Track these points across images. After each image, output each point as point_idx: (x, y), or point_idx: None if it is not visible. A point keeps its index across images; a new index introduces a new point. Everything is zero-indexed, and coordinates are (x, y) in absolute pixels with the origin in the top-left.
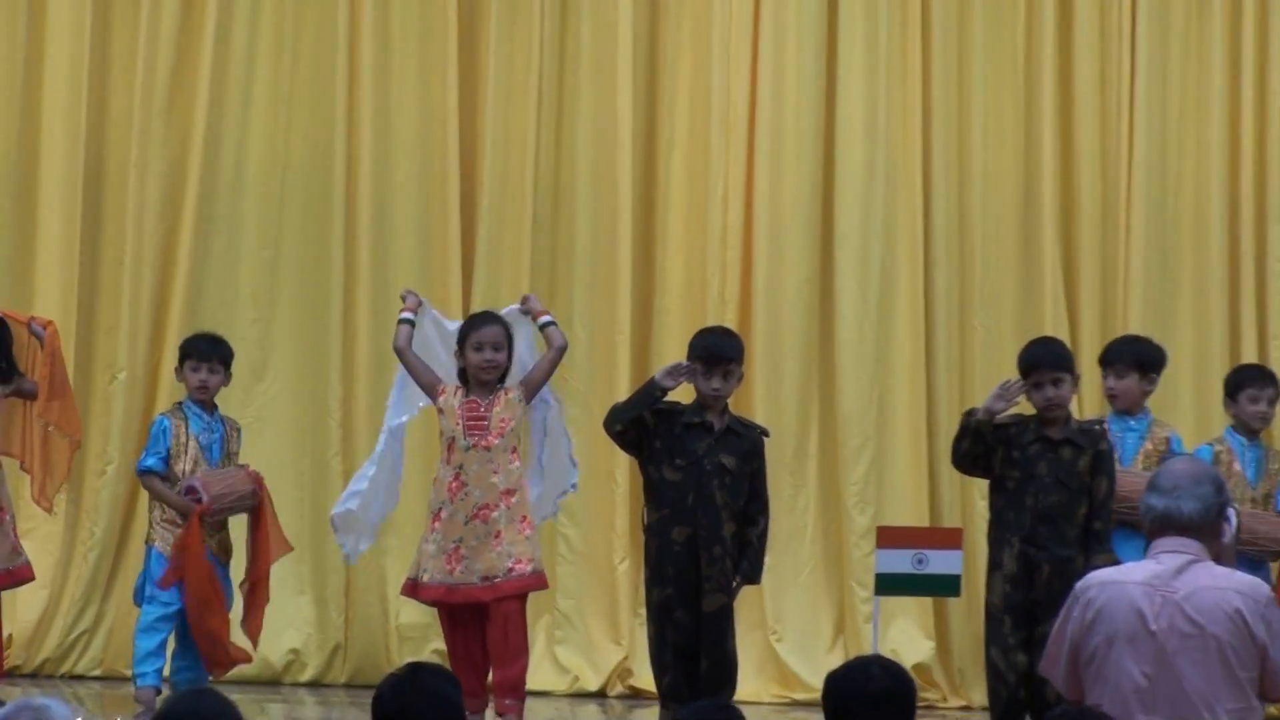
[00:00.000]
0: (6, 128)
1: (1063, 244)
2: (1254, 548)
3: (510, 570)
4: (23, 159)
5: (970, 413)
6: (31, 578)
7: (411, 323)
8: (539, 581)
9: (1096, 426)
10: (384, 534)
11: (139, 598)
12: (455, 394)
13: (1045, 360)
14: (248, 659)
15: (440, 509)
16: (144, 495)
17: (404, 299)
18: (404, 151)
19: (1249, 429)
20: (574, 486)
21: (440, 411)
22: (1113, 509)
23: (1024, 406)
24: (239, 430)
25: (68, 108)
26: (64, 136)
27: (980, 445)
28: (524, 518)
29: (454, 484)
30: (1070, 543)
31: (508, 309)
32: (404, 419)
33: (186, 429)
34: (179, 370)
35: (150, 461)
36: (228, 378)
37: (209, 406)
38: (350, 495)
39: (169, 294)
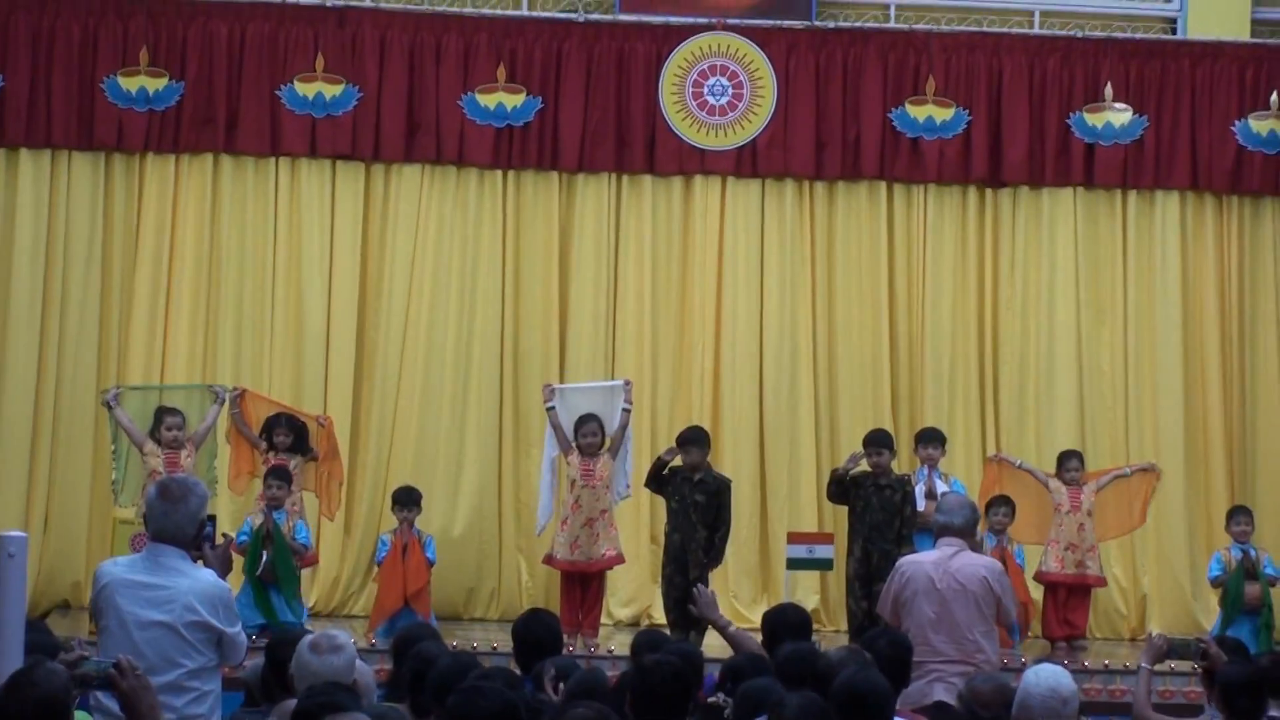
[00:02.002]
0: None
1: (891, 379)
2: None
3: (603, 555)
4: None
5: (835, 470)
6: (318, 561)
7: (553, 407)
8: (619, 559)
9: (906, 476)
10: (514, 539)
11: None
12: (576, 456)
13: (874, 440)
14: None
15: (567, 518)
16: (385, 516)
17: (543, 390)
18: (528, 329)
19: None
20: (628, 495)
21: (569, 464)
22: (915, 522)
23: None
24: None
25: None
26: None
27: (841, 488)
28: (611, 523)
29: (574, 506)
30: (890, 541)
31: (612, 382)
32: (554, 455)
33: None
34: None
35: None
36: (418, 511)
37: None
38: (541, 505)
39: (406, 415)
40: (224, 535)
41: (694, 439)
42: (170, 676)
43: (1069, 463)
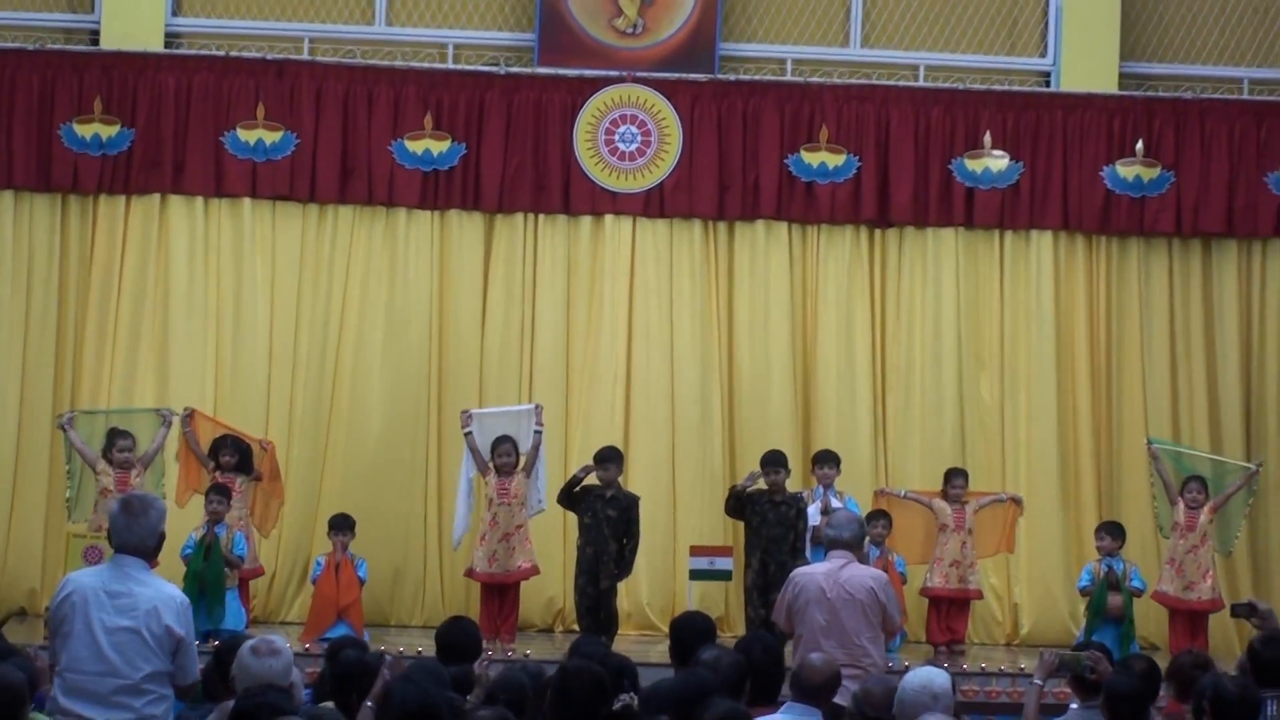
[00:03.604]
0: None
1: (791, 403)
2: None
3: (519, 568)
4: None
5: (733, 486)
6: (264, 572)
7: (470, 432)
8: (534, 570)
9: (799, 494)
10: (437, 552)
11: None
12: (492, 476)
13: (771, 460)
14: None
15: (484, 534)
16: (319, 532)
17: (461, 416)
18: (452, 356)
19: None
20: (543, 509)
21: (486, 483)
22: (806, 537)
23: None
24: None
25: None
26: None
27: (738, 503)
28: (527, 537)
29: (490, 523)
30: (785, 553)
31: (524, 406)
32: (471, 475)
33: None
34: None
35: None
36: (351, 536)
37: (340, 555)
38: (457, 521)
39: (338, 435)
40: None
41: (613, 456)
42: (133, 679)
43: (955, 480)
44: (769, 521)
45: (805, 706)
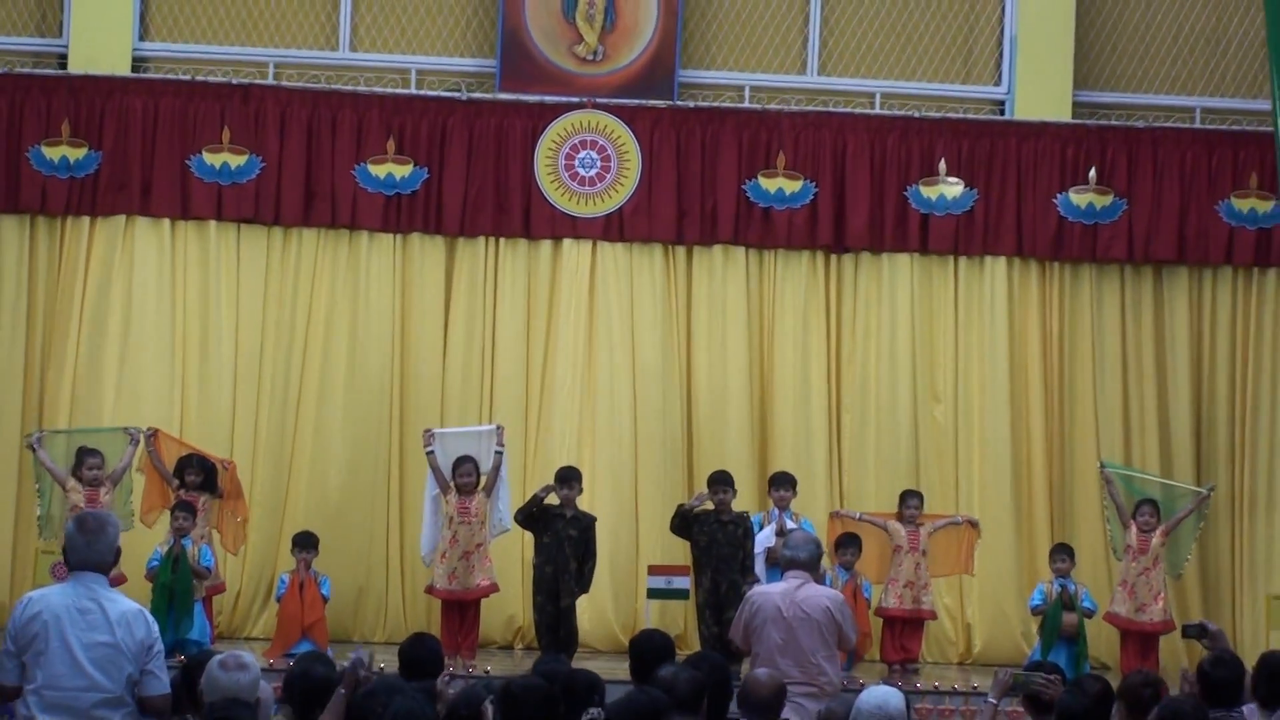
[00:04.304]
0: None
1: (749, 425)
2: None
3: (478, 585)
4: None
5: (681, 505)
6: (224, 589)
7: (432, 451)
8: (493, 588)
9: (745, 513)
10: (399, 569)
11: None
12: (453, 495)
13: (720, 479)
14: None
15: (444, 552)
16: (283, 549)
17: (423, 435)
18: (413, 377)
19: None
20: (506, 529)
21: (446, 502)
22: (755, 555)
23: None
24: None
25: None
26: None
27: (684, 522)
28: (486, 555)
29: (451, 540)
30: (734, 572)
31: (485, 426)
32: (435, 493)
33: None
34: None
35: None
36: (315, 554)
37: (304, 573)
38: (425, 535)
39: (301, 454)
40: None
41: (573, 476)
42: (116, 692)
43: (909, 501)
44: (718, 541)
45: None
